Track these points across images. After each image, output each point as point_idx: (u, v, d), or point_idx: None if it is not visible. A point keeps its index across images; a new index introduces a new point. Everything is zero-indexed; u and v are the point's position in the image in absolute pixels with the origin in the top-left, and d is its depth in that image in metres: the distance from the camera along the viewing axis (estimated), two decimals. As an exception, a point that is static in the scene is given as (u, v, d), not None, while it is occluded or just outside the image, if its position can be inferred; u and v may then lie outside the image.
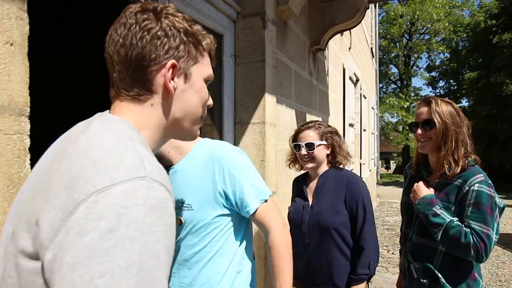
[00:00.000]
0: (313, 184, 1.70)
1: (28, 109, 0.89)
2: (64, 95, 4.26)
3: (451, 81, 20.70)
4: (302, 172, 1.89)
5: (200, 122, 0.69)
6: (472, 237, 1.26)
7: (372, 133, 9.89)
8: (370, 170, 8.78)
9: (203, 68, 0.67)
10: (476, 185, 1.30)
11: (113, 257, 0.39)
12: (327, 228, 1.56)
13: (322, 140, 1.63)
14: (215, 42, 0.71)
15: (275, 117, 2.45)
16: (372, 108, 9.79)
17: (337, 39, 4.72)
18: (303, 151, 1.63)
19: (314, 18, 3.35)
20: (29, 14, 0.90)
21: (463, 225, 1.30)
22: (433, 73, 22.94)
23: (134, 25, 0.58)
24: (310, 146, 1.61)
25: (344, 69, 5.31)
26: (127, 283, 0.39)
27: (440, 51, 22.69)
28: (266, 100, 2.24)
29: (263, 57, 2.23)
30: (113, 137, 0.52)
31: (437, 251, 1.38)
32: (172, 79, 0.61)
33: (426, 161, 1.55)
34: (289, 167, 1.84)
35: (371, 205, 1.62)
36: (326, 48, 3.66)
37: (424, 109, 1.46)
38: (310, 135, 1.63)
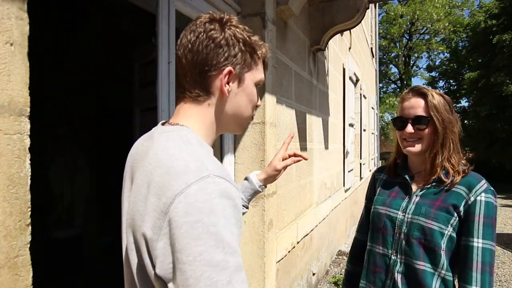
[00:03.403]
0: None
1: (28, 109, 0.89)
2: (64, 95, 4.25)
3: (451, 81, 20.66)
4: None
5: (248, 119, 0.78)
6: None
7: (372, 133, 9.88)
8: (370, 170, 8.78)
9: (255, 74, 0.75)
10: (483, 194, 1.09)
11: (204, 240, 0.54)
12: None
13: None
14: (269, 52, 0.79)
15: (275, 117, 2.45)
16: (372, 108, 9.79)
17: (337, 39, 4.72)
18: None
19: (314, 18, 3.35)
20: (29, 14, 0.90)
21: None
22: (433, 73, 22.94)
23: (202, 33, 0.68)
24: None
25: (344, 69, 5.31)
26: (219, 255, 0.54)
27: (440, 51, 22.69)
28: (266, 100, 2.24)
29: (263, 57, 2.23)
30: (174, 145, 0.64)
31: (435, 276, 1.12)
32: (228, 83, 0.70)
33: (405, 162, 1.30)
34: None
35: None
36: (326, 48, 3.66)
37: (416, 102, 1.19)
38: None
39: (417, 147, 1.19)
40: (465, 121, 19.08)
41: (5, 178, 0.83)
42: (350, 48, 5.91)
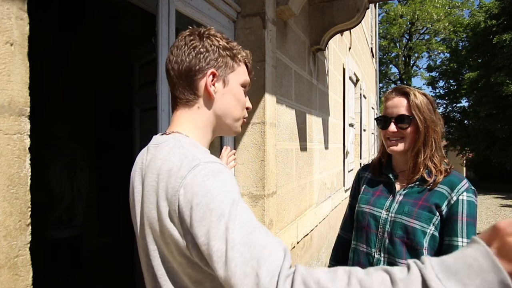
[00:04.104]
0: None
1: (28, 109, 0.89)
2: (64, 95, 4.25)
3: (451, 81, 20.64)
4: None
5: (239, 120, 0.84)
6: None
7: (372, 133, 9.88)
8: (370, 170, 8.76)
9: (239, 75, 0.81)
10: (464, 194, 1.10)
11: (207, 219, 0.59)
12: None
13: None
14: (251, 55, 0.86)
15: (275, 117, 2.45)
16: (372, 108, 9.79)
17: (337, 39, 4.72)
18: None
19: (314, 18, 3.35)
20: (29, 14, 0.90)
21: None
22: (433, 73, 22.93)
23: (183, 46, 0.76)
24: None
25: (344, 69, 5.31)
26: (222, 227, 0.58)
27: (440, 51, 22.68)
28: (266, 100, 2.24)
29: (263, 57, 2.23)
30: (169, 151, 0.70)
31: None
32: (213, 84, 0.77)
33: (389, 161, 1.30)
34: None
35: None
36: (326, 48, 3.66)
37: (399, 101, 1.20)
38: None
39: (400, 146, 1.20)
40: (465, 121, 19.09)
41: (5, 178, 0.83)
42: (350, 48, 5.92)
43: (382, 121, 1.24)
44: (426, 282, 0.47)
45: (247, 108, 0.85)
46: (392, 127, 1.20)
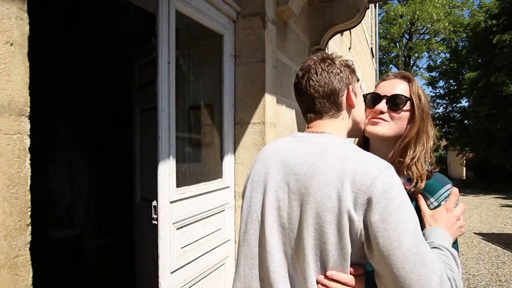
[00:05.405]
0: None
1: (28, 109, 0.89)
2: (64, 95, 4.26)
3: (451, 81, 20.64)
4: None
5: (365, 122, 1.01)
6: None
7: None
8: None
9: (358, 87, 0.96)
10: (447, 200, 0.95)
11: (401, 212, 0.72)
12: None
13: None
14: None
15: (275, 117, 2.44)
16: (372, 108, 9.77)
17: (337, 39, 4.72)
18: None
19: (314, 18, 3.35)
20: (29, 14, 0.90)
21: None
22: (433, 73, 22.92)
23: (322, 71, 0.90)
24: None
25: (344, 69, 5.30)
26: (412, 225, 0.73)
27: (440, 51, 22.69)
28: (266, 100, 2.24)
29: (263, 57, 2.23)
30: (345, 145, 0.82)
31: None
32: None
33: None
34: None
35: None
36: (326, 48, 3.66)
37: (397, 82, 1.02)
38: None
39: (382, 127, 1.00)
40: (465, 121, 19.08)
41: (5, 178, 0.83)
42: (350, 48, 5.92)
43: (371, 100, 1.03)
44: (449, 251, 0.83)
45: None
46: (382, 105, 1.00)
